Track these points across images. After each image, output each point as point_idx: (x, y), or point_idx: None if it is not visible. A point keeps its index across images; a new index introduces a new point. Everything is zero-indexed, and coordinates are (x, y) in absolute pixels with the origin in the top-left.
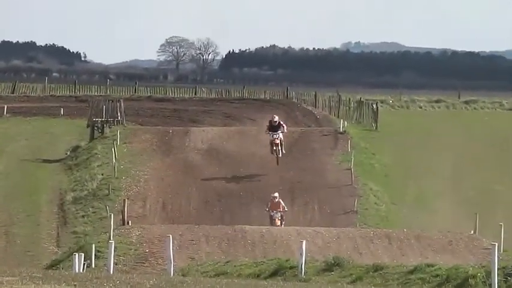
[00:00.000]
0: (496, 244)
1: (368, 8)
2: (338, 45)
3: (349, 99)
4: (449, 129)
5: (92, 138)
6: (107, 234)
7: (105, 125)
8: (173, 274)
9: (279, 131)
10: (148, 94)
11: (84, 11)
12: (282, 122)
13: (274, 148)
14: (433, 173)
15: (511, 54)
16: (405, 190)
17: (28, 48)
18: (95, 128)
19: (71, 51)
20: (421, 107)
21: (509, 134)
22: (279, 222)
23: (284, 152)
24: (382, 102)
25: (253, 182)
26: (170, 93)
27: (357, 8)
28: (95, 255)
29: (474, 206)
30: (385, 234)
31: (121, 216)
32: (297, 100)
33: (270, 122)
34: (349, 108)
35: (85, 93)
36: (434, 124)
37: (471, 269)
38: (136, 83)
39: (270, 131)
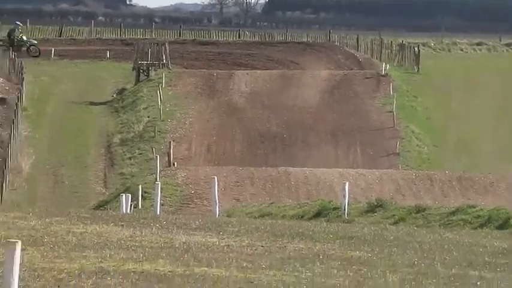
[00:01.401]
0: None
1: None
2: None
3: (391, 42)
4: (491, 73)
5: (138, 81)
6: (153, 175)
7: (150, 68)
8: (218, 215)
9: None
10: (193, 37)
11: None
12: None
13: None
14: (474, 116)
15: None
16: (447, 133)
17: None
18: (141, 70)
19: None
20: (462, 50)
21: None
22: None
23: None
24: (423, 45)
25: (296, 125)
26: (214, 37)
27: None
28: (142, 196)
29: None
30: (427, 176)
31: (167, 158)
32: (339, 43)
33: None
34: (391, 51)
35: (130, 36)
36: (476, 67)
37: None
38: (181, 27)
39: None
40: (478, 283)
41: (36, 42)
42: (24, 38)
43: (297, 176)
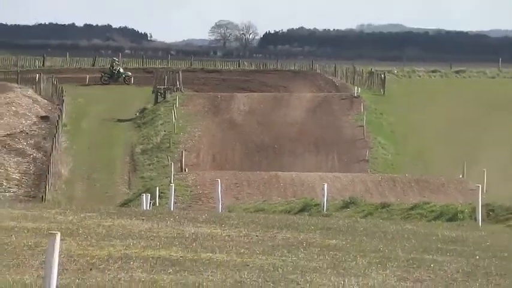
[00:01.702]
0: (480, 186)
1: None
2: (354, 27)
3: (362, 70)
4: (443, 94)
5: (156, 102)
6: (168, 178)
7: (166, 92)
8: (221, 210)
9: None
10: (201, 67)
11: (152, 0)
12: None
13: None
14: (429, 129)
15: (494, 33)
16: (407, 143)
17: (106, 30)
18: (159, 93)
19: (140, 32)
20: (420, 76)
21: (492, 97)
22: None
23: None
24: (388, 72)
25: (285, 137)
26: (219, 66)
27: None
28: (159, 195)
29: (462, 155)
30: (390, 178)
31: (179, 164)
32: (321, 71)
33: None
34: (362, 77)
35: (151, 66)
36: (431, 90)
37: (460, 205)
38: (192, 58)
39: None
40: (432, 265)
41: (130, 73)
42: (121, 70)
43: (285, 179)
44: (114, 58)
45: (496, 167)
